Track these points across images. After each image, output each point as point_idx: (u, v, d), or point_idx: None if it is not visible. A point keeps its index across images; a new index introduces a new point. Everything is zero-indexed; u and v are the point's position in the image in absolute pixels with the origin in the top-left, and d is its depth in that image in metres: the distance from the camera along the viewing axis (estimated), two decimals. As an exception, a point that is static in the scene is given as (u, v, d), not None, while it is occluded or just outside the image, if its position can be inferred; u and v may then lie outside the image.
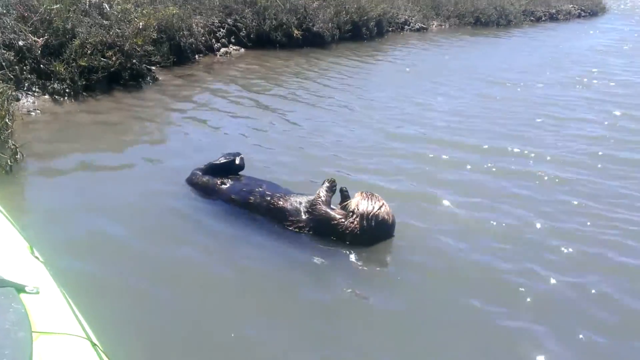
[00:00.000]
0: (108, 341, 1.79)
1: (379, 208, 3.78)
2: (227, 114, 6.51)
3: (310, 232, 3.79)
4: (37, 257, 2.09)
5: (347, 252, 3.64)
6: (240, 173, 4.35)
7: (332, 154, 5.34)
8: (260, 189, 4.05)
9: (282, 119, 6.48)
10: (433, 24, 16.34)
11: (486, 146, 5.82)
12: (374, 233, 3.76)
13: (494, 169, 5.19)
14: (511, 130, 6.57)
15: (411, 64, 10.77)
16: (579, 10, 24.51)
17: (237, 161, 4.33)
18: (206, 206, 4.08)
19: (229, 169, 4.32)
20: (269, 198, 3.96)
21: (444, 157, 5.41)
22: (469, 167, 5.19)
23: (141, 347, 2.60)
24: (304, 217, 3.83)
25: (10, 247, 2.04)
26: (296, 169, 4.92)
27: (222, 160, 4.33)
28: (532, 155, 5.65)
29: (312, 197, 3.89)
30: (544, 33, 18.08)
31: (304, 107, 7.11)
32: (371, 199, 3.82)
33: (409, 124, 6.57)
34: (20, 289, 1.65)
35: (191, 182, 4.36)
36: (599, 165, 5.50)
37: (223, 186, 4.17)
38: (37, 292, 1.72)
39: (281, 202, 3.91)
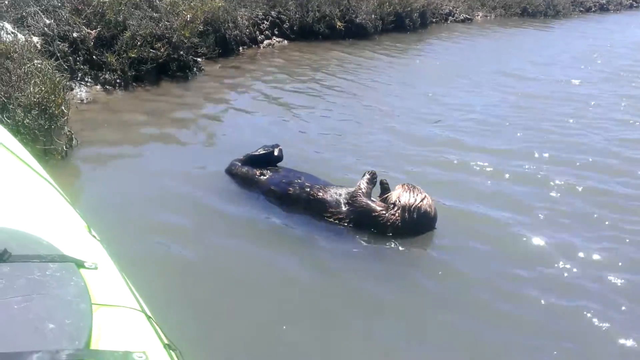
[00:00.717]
0: (159, 314, 1.90)
1: (421, 200, 3.75)
2: (268, 106, 6.58)
3: (351, 224, 3.80)
4: (94, 236, 2.20)
5: (388, 244, 3.66)
6: (279, 165, 4.39)
7: (371, 150, 5.31)
8: (300, 181, 4.05)
9: (322, 111, 6.50)
10: (478, 15, 16.06)
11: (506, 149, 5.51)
12: (416, 225, 3.74)
13: (523, 176, 4.92)
14: (543, 133, 6.22)
15: (451, 58, 10.53)
16: (630, 1, 23.66)
17: (276, 152, 4.36)
18: (246, 196, 4.16)
19: (268, 160, 4.34)
20: (308, 189, 3.96)
21: (472, 162, 5.14)
22: (493, 172, 4.97)
23: (191, 320, 2.76)
24: (344, 208, 3.82)
25: (69, 226, 2.13)
26: (334, 162, 4.92)
27: (261, 151, 4.37)
28: (565, 160, 5.34)
29: (352, 189, 3.89)
30: (593, 25, 17.49)
31: (344, 100, 7.09)
32: (413, 191, 3.80)
33: (442, 125, 6.34)
34: (80, 264, 1.71)
35: (230, 172, 4.40)
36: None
37: (262, 177, 4.19)
38: (96, 268, 1.79)
39: (321, 194, 3.91)
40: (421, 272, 3.46)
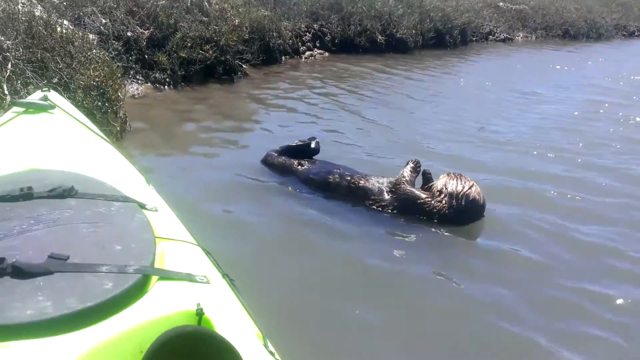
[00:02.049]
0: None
1: (469, 188, 3.67)
2: (308, 111, 6.65)
3: (394, 212, 3.73)
4: (152, 187, 2.35)
5: (434, 230, 3.59)
6: (315, 158, 4.36)
7: (410, 152, 5.06)
8: (339, 170, 4.04)
9: (360, 118, 6.48)
10: (519, 35, 16.05)
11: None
12: (463, 213, 3.65)
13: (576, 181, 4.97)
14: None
15: (485, 79, 10.09)
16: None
17: (313, 145, 4.34)
18: (285, 181, 4.22)
19: (304, 152, 4.34)
20: (349, 178, 3.93)
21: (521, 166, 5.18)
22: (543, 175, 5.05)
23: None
24: (386, 196, 3.77)
25: (129, 177, 2.27)
26: (372, 162, 4.85)
27: (298, 142, 4.38)
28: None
29: (394, 178, 3.84)
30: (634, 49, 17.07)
31: (382, 109, 7.05)
32: (460, 179, 3.72)
33: (485, 133, 6.28)
34: (141, 205, 1.83)
35: (266, 162, 4.41)
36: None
37: (300, 167, 4.19)
38: (156, 210, 1.90)
39: (362, 182, 3.87)
40: (470, 262, 3.34)
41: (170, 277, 1.46)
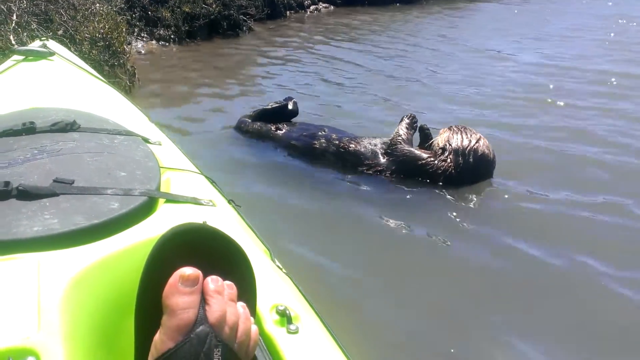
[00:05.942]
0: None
1: (477, 141, 3.21)
2: (311, 66, 6.43)
3: (393, 176, 3.27)
4: (154, 125, 2.35)
5: (437, 193, 3.16)
6: (294, 120, 3.95)
7: (409, 107, 4.82)
8: (324, 133, 3.56)
9: (362, 71, 6.26)
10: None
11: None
12: (472, 172, 3.19)
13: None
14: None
15: (493, 27, 9.79)
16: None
17: (290, 106, 3.91)
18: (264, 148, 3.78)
19: (281, 114, 3.88)
20: (337, 142, 3.44)
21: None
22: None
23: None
24: (382, 160, 3.30)
25: (132, 116, 2.27)
26: (365, 121, 4.48)
27: (273, 105, 3.94)
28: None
29: (389, 138, 3.37)
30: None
31: (388, 60, 6.86)
32: (465, 132, 3.25)
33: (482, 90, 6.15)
34: (145, 139, 1.83)
35: (240, 129, 3.94)
36: None
37: (279, 132, 3.70)
38: (160, 144, 1.93)
39: (353, 145, 3.38)
40: (480, 233, 2.86)
41: (176, 200, 1.48)
